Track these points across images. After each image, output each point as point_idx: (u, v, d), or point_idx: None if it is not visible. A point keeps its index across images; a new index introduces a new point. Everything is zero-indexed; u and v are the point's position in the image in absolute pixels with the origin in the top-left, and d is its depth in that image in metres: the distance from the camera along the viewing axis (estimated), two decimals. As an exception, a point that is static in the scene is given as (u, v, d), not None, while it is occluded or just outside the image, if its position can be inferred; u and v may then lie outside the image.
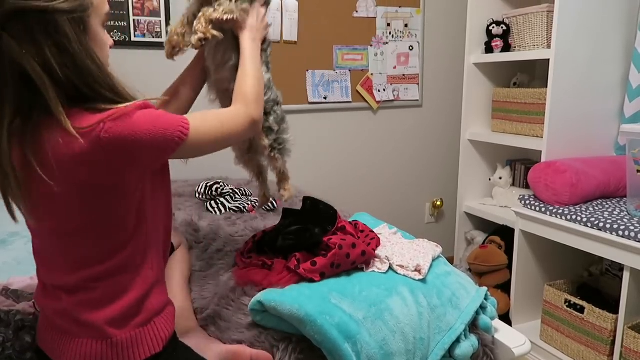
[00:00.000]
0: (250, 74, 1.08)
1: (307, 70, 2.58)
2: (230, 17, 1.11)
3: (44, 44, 0.75)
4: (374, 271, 1.19)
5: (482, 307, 1.23)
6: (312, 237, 1.21)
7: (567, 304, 1.90)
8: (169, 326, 0.93)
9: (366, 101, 2.74)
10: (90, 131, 0.76)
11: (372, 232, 1.35)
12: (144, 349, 0.87)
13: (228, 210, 1.84)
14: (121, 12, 2.19)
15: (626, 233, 1.63)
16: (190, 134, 0.86)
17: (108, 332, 0.85)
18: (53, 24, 0.75)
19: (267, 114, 1.24)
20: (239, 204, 1.87)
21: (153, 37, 2.27)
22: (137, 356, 0.87)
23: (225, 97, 1.25)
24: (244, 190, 2.02)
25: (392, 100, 2.81)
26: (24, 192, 0.80)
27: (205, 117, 0.94)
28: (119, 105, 0.79)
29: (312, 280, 1.13)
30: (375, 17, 2.69)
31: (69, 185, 0.79)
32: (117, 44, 2.15)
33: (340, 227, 1.29)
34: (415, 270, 1.20)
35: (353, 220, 1.43)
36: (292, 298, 1.03)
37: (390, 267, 1.21)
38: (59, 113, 0.75)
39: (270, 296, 1.05)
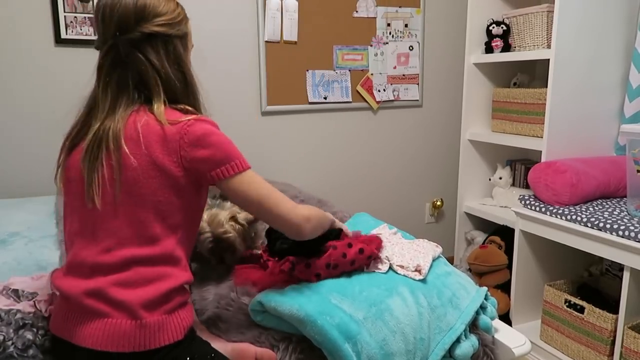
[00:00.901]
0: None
1: (307, 70, 2.58)
2: None
3: (165, 60, 1.00)
4: (374, 271, 1.19)
5: (482, 307, 1.23)
6: (309, 244, 1.19)
7: (567, 304, 1.90)
8: (189, 318, 0.99)
9: (366, 101, 2.74)
10: (178, 123, 0.97)
11: (376, 237, 1.32)
12: (168, 335, 0.93)
13: (228, 210, 1.84)
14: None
15: (626, 233, 1.63)
16: (248, 172, 1.00)
17: (140, 313, 0.91)
18: (172, 45, 1.02)
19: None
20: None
21: (153, 37, 2.27)
22: (162, 340, 0.92)
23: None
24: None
25: (392, 100, 2.81)
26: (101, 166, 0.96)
27: (265, 182, 1.04)
28: (199, 113, 1.02)
29: (309, 281, 1.12)
30: (375, 17, 2.69)
31: (146, 160, 0.95)
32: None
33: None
34: (416, 271, 1.20)
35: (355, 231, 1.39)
36: (292, 298, 1.04)
37: (390, 267, 1.21)
38: (160, 112, 0.97)
39: (270, 296, 1.05)
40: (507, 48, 2.39)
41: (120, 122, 0.96)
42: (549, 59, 2.01)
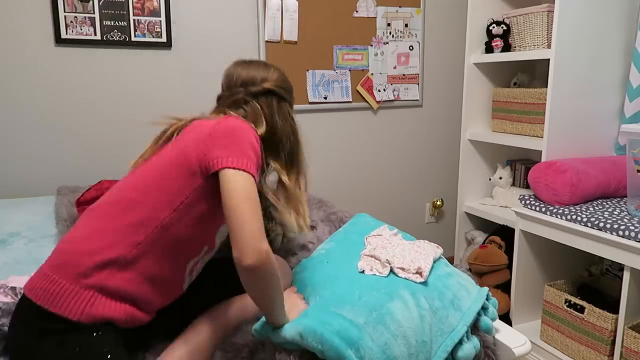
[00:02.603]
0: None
1: (307, 70, 2.58)
2: None
3: (276, 113, 1.23)
4: (374, 274, 1.19)
5: (484, 308, 1.23)
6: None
7: (567, 304, 1.91)
8: (106, 309, 0.96)
9: (366, 101, 2.74)
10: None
11: None
12: (65, 307, 0.93)
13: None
14: (121, 12, 2.19)
15: (626, 233, 1.63)
16: (249, 176, 1.00)
17: (50, 269, 0.99)
18: (284, 105, 1.26)
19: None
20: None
21: (153, 37, 2.26)
22: (57, 307, 0.93)
23: None
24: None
25: (392, 100, 2.81)
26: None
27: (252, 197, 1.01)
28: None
29: None
30: (375, 17, 2.69)
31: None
32: (117, 44, 2.15)
33: None
34: (417, 273, 1.20)
35: None
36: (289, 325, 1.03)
37: (391, 270, 1.21)
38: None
39: (266, 328, 1.04)
40: (507, 48, 2.39)
41: None
42: (549, 59, 2.01)
